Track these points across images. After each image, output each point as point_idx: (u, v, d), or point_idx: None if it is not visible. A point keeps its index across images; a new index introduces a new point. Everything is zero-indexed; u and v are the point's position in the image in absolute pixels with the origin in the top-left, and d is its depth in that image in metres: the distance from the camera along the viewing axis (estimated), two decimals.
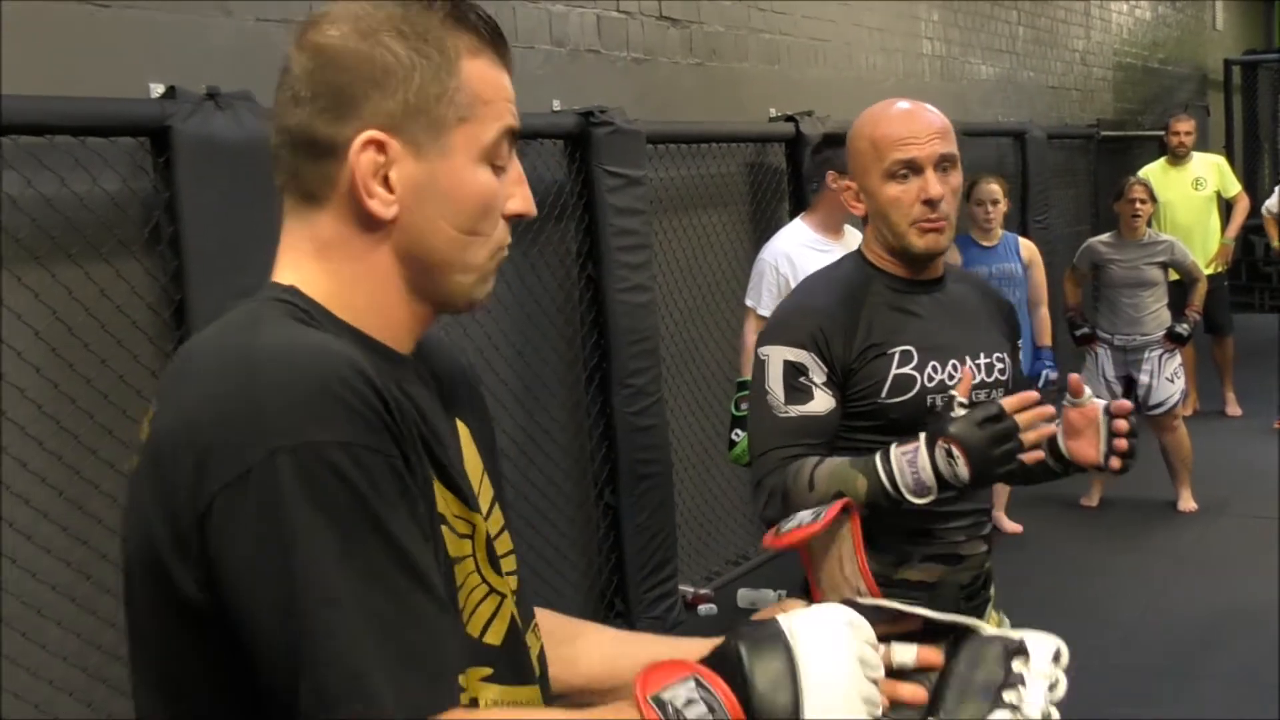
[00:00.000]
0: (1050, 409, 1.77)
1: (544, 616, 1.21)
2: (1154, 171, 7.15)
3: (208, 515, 0.85)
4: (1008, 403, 1.72)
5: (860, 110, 2.05)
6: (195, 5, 2.88)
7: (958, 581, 1.95)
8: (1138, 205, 5.43)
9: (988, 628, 0.99)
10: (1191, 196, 7.13)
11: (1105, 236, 5.65)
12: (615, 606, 4.28)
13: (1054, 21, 8.63)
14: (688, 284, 4.72)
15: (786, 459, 1.87)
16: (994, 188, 5.13)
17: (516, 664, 1.05)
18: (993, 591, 2.06)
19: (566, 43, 4.15)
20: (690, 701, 0.85)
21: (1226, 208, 7.42)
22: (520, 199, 1.04)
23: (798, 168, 5.11)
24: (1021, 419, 1.71)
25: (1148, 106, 10.50)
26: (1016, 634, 0.97)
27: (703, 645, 1.00)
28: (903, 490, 1.75)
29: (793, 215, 4.77)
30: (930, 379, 1.90)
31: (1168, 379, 5.39)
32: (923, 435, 1.75)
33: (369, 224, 0.98)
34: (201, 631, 0.88)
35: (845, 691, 0.87)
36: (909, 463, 1.75)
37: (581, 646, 1.25)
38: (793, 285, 3.97)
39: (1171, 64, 11.29)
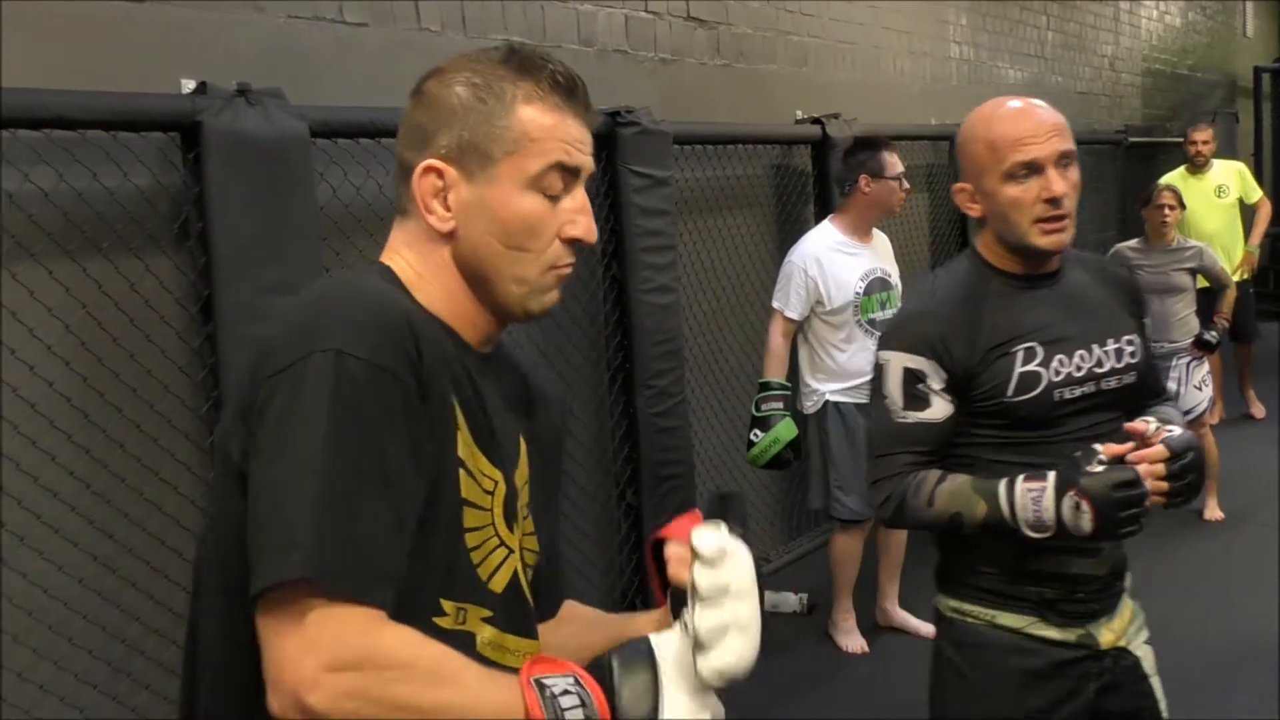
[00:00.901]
0: (1163, 470, 1.79)
1: (577, 607, 1.42)
2: (1175, 180, 7.09)
3: (259, 395, 1.05)
4: (1143, 469, 1.75)
5: (885, 112, 2.06)
6: (227, 3, 2.89)
7: (1094, 574, 1.96)
8: (1166, 211, 5.39)
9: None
10: (1214, 204, 7.08)
11: (1133, 243, 5.60)
12: (636, 607, 4.28)
13: (1083, 26, 8.58)
14: (712, 285, 4.72)
15: (905, 465, 1.92)
16: None
17: (516, 615, 1.20)
18: (1128, 581, 2.06)
19: (594, 43, 4.16)
20: (566, 692, 1.01)
21: (1249, 214, 7.36)
22: (580, 226, 1.20)
23: (824, 170, 5.10)
24: (1153, 486, 1.77)
25: (1176, 113, 10.42)
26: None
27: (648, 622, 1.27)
28: (1021, 524, 1.80)
29: (818, 218, 4.77)
30: (1057, 374, 1.90)
31: (1195, 386, 5.34)
32: (1051, 476, 1.78)
33: (434, 235, 1.19)
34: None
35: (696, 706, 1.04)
36: (1033, 500, 1.78)
37: (565, 633, 1.38)
38: (821, 287, 3.99)
39: (1201, 70, 11.21)
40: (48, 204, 2.50)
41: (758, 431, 3.97)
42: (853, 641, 4.23)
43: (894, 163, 4.06)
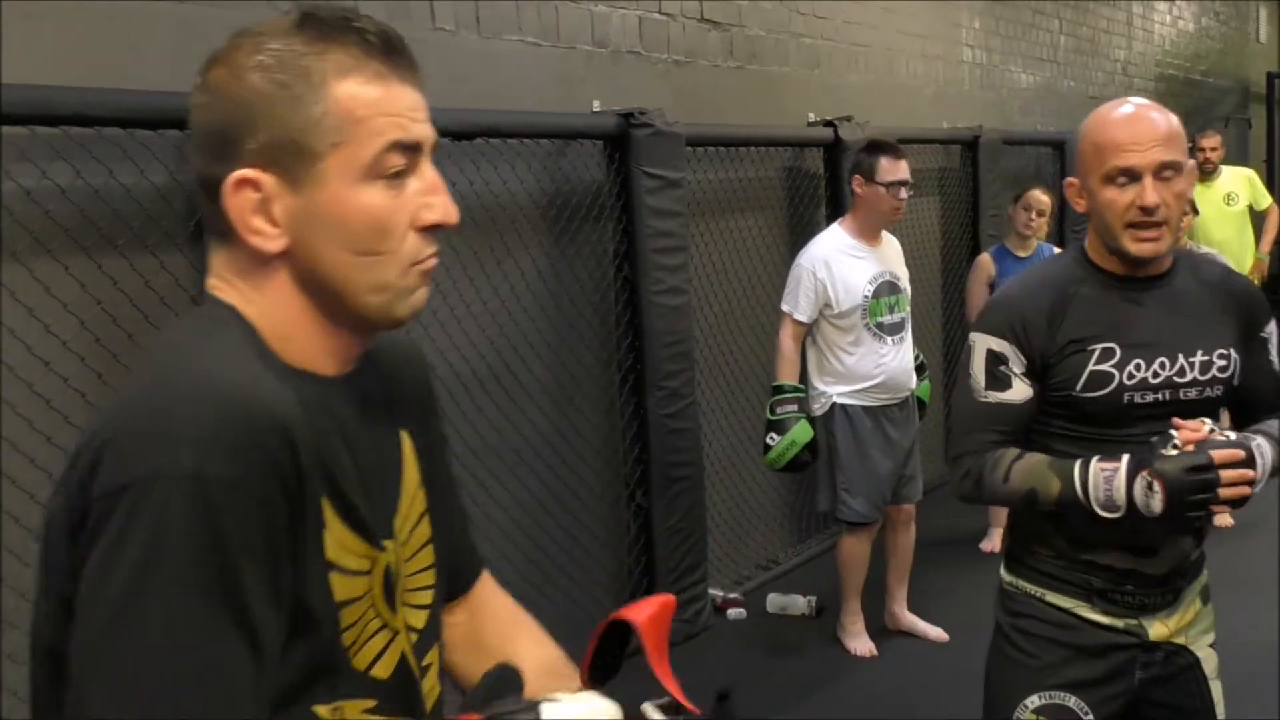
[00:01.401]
0: (1251, 474, 1.82)
1: (498, 612, 1.28)
2: None
3: (87, 514, 0.89)
4: (1218, 456, 1.78)
5: (897, 116, 2.09)
6: (245, 2, 2.90)
7: (1151, 572, 1.98)
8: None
9: None
10: (1224, 212, 7.08)
11: None
12: None
13: (1096, 31, 8.57)
14: (723, 287, 4.72)
15: (984, 444, 1.98)
16: (1043, 198, 5.11)
17: (404, 698, 1.07)
18: (1200, 583, 2.10)
19: (608, 44, 4.16)
20: None
21: (1259, 221, 7.34)
22: (436, 209, 1.03)
23: (835, 173, 5.10)
24: (1226, 475, 1.78)
25: (1189, 119, 10.39)
26: None
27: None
28: (1093, 502, 1.85)
29: (830, 221, 4.76)
30: (1131, 376, 1.92)
31: None
32: (1125, 458, 1.83)
33: (264, 258, 1.00)
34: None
35: None
36: (1105, 480, 1.84)
37: (512, 653, 1.27)
38: (830, 290, 3.99)
39: (1213, 76, 11.18)
40: (65, 200, 2.51)
41: (774, 435, 3.98)
42: (861, 644, 4.23)
43: (886, 168, 3.98)
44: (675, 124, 4.16)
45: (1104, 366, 1.92)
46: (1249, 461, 1.82)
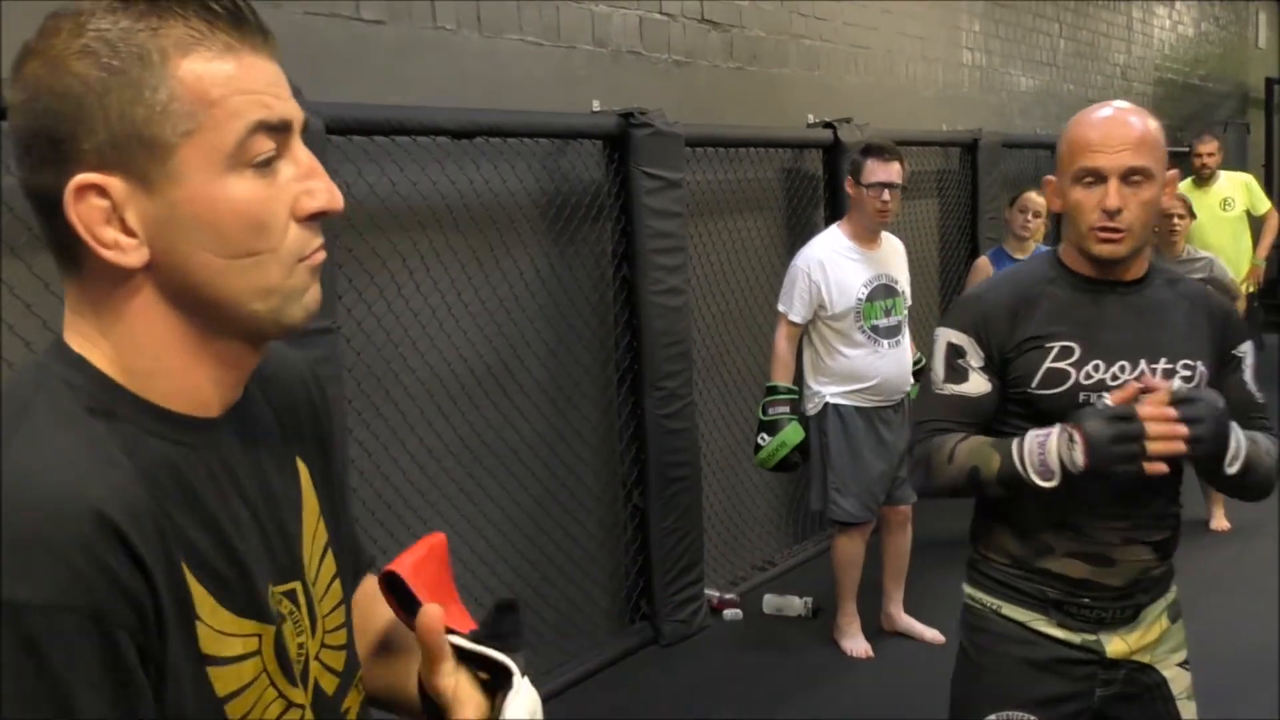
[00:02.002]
0: (1185, 430, 1.77)
1: (365, 587, 1.16)
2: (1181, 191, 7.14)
3: None
4: (1144, 410, 1.77)
5: (898, 117, 2.11)
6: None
7: (1109, 584, 1.96)
8: (1175, 221, 5.38)
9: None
10: (1220, 217, 7.09)
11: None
12: (641, 609, 4.29)
13: (1095, 35, 8.58)
14: (722, 288, 4.72)
15: (935, 431, 1.98)
16: (1039, 199, 5.09)
17: None
18: (1166, 600, 2.05)
19: (608, 44, 4.16)
20: None
21: (1257, 226, 7.35)
22: (318, 195, 0.89)
23: (835, 174, 5.10)
24: (1152, 429, 1.76)
25: (1188, 123, 10.41)
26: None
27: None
28: (1030, 469, 1.84)
29: (829, 222, 4.77)
30: (1088, 377, 1.91)
31: None
32: (1059, 424, 1.83)
33: (122, 276, 0.85)
34: None
35: None
36: (1039, 444, 1.83)
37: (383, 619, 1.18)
38: (824, 292, 4.00)
39: (1213, 81, 11.19)
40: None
41: (765, 435, 4.02)
42: (857, 645, 4.23)
43: (871, 169, 3.99)
44: (675, 124, 4.16)
45: (1061, 364, 1.92)
46: (1193, 420, 1.77)
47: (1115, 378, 1.90)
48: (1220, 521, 5.50)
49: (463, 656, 1.00)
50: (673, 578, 4.27)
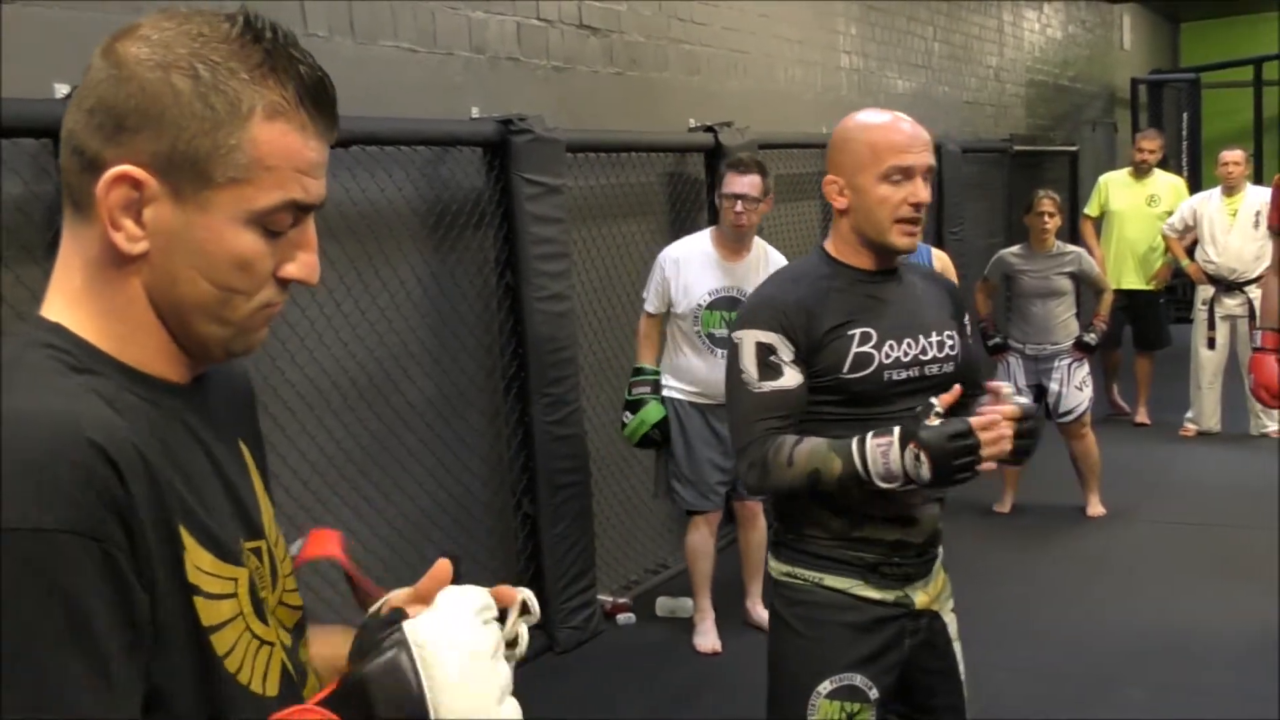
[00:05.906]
0: (1007, 431, 1.97)
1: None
2: (1116, 178, 7.67)
3: None
4: (976, 422, 1.94)
5: (778, 120, 2.16)
6: (98, 1, 2.82)
7: (913, 541, 2.15)
8: (1046, 218, 5.56)
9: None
10: (1143, 211, 7.40)
11: (1016, 248, 5.76)
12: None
13: (968, 38, 8.80)
14: (606, 293, 4.73)
15: (766, 431, 2.08)
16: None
17: (293, 704, 1.03)
18: (940, 550, 2.25)
19: (486, 50, 4.14)
20: None
21: None
22: (301, 266, 1.00)
23: (716, 178, 5.14)
24: (983, 437, 1.94)
25: (1058, 123, 10.74)
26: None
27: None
28: (873, 475, 1.98)
29: (711, 225, 4.80)
30: (888, 356, 2.11)
31: (1076, 387, 5.51)
32: (897, 430, 1.97)
33: (119, 257, 0.95)
34: None
35: (480, 692, 0.97)
36: (882, 454, 1.97)
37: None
38: (672, 290, 4.13)
39: (1081, 82, 11.57)
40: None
41: (628, 414, 4.21)
42: (705, 641, 4.27)
43: (730, 181, 4.09)
44: (555, 130, 4.15)
45: (865, 348, 2.10)
46: (1029, 433, 1.99)
47: (906, 354, 2.12)
48: (1095, 508, 5.68)
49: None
50: (566, 584, 4.26)
